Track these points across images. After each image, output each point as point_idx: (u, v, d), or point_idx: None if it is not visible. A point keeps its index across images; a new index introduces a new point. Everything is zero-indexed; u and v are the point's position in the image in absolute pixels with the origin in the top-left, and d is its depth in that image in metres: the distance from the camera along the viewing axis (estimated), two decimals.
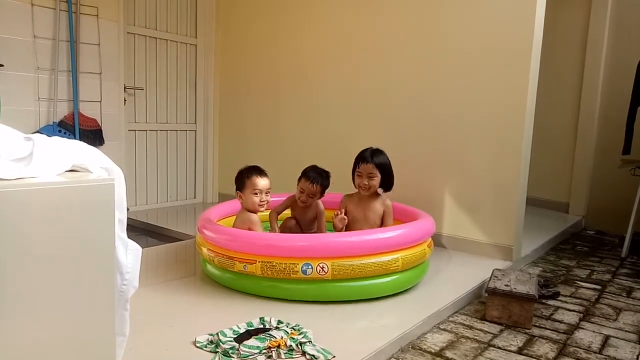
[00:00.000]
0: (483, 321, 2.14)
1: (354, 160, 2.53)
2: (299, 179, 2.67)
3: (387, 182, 2.51)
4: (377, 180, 2.45)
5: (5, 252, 0.84)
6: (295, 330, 1.76)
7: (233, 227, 2.40)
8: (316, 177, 2.63)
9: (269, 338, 1.68)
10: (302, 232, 2.69)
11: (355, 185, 2.52)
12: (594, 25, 4.11)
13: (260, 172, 2.39)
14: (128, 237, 1.08)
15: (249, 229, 2.33)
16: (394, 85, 3.24)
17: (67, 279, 0.92)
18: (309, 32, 3.68)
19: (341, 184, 2.75)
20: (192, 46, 4.21)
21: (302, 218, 2.71)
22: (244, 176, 2.38)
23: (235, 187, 2.44)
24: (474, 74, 2.90)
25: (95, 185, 0.95)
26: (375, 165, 2.44)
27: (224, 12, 4.23)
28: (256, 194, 2.34)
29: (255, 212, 2.38)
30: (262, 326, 1.81)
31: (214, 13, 4.24)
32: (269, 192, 2.38)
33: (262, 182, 2.36)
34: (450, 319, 2.15)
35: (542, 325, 2.13)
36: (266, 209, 2.53)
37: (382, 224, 2.53)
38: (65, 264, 0.91)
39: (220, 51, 4.28)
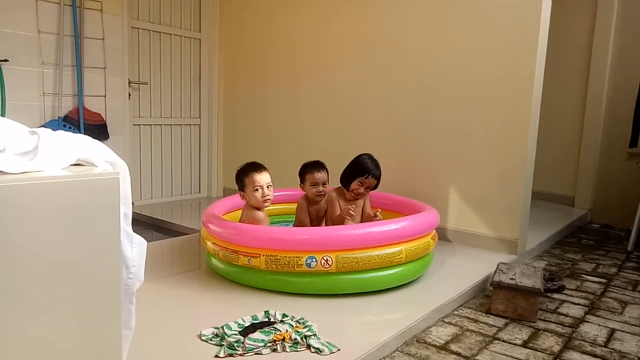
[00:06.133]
0: (488, 315, 2.13)
1: (354, 165, 2.54)
2: (304, 179, 2.65)
3: (374, 188, 2.61)
4: (369, 191, 2.57)
5: (10, 246, 0.84)
6: (300, 323, 1.77)
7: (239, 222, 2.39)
8: (318, 166, 2.65)
9: (274, 331, 1.68)
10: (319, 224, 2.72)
11: (347, 187, 2.54)
12: (601, 19, 4.07)
13: (257, 167, 2.37)
14: (133, 231, 1.08)
15: None
16: (400, 80, 3.22)
17: (73, 273, 0.92)
18: (314, 26, 3.66)
19: None
20: (196, 40, 4.21)
21: (320, 210, 2.69)
22: (243, 175, 2.36)
23: (237, 188, 2.43)
24: (480, 69, 2.88)
25: (100, 179, 0.95)
26: (377, 178, 2.53)
27: (228, 5, 4.21)
28: (257, 190, 2.31)
29: (260, 208, 2.38)
30: (267, 319, 1.81)
31: (218, 7, 4.22)
32: (270, 186, 2.35)
33: (260, 177, 2.33)
34: (455, 312, 2.15)
35: (548, 319, 2.12)
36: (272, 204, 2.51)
37: (363, 210, 2.60)
38: (71, 257, 0.92)
39: (224, 45, 4.27)
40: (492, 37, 2.83)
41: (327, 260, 2.04)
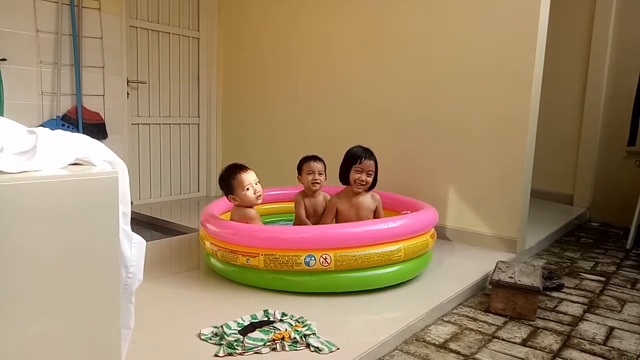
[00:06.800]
0: (487, 313, 2.14)
1: (346, 157, 2.53)
2: (301, 171, 2.65)
3: (375, 181, 2.54)
4: (372, 177, 2.48)
5: (9, 246, 0.84)
6: (299, 322, 1.77)
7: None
8: (315, 157, 2.66)
9: (273, 330, 1.68)
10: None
11: (348, 181, 2.51)
12: (600, 16, 4.06)
13: (241, 167, 2.36)
14: (132, 230, 1.08)
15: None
16: (399, 78, 3.22)
17: (72, 272, 0.92)
18: (313, 24, 3.66)
19: None
20: (195, 39, 4.20)
21: (317, 205, 2.67)
22: (230, 179, 2.33)
23: (224, 193, 2.40)
24: (479, 67, 2.88)
25: (99, 179, 0.95)
26: (374, 162, 2.48)
27: (226, 4, 4.21)
28: (248, 189, 2.31)
29: (252, 206, 2.37)
30: (266, 319, 1.81)
31: (216, 6, 4.22)
32: (258, 182, 2.35)
33: (248, 176, 2.32)
34: (454, 311, 2.15)
35: (547, 317, 2.13)
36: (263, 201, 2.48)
37: (376, 215, 2.55)
38: (70, 257, 0.91)
39: (222, 44, 4.27)
40: (491, 36, 2.82)
41: (325, 259, 2.04)
